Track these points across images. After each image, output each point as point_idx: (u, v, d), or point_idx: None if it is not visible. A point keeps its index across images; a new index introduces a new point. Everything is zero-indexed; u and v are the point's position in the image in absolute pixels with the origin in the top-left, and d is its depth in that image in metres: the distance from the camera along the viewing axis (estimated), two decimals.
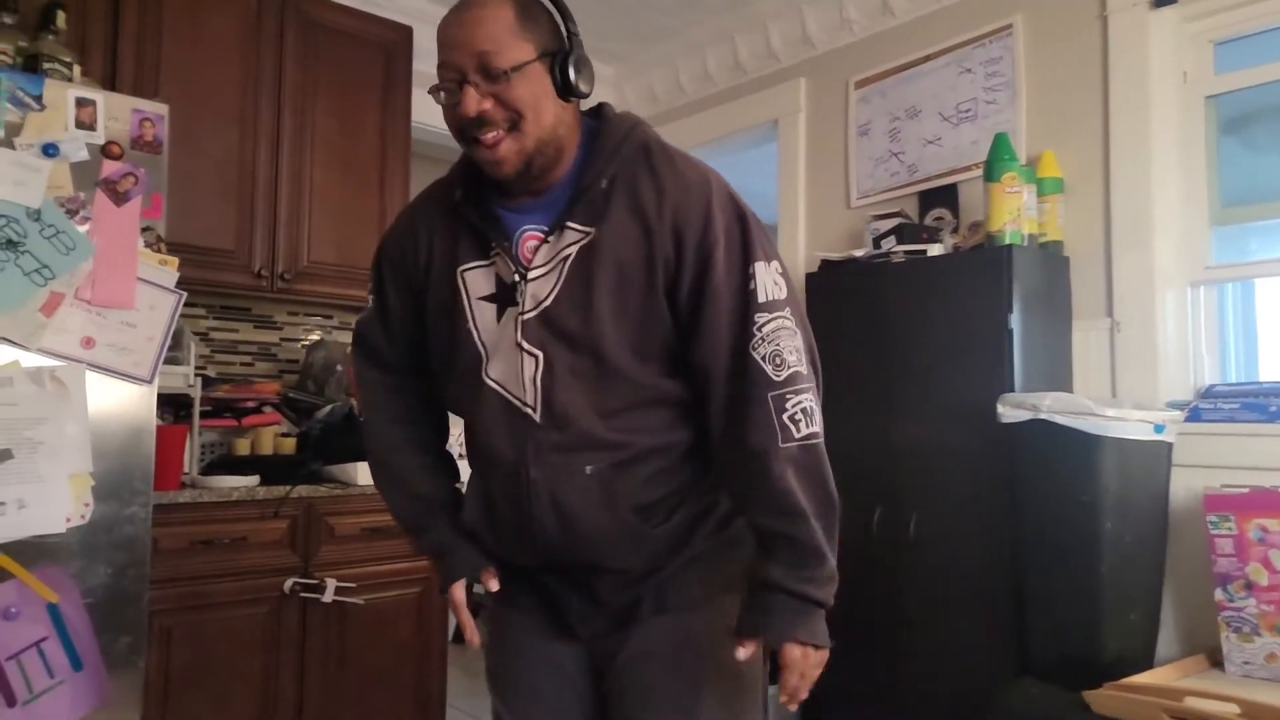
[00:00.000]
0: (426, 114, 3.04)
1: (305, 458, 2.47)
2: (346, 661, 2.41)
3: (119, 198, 1.86)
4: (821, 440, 1.12)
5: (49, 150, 1.77)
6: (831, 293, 2.66)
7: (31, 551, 1.72)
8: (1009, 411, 2.10)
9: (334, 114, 2.76)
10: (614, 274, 1.09)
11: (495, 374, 1.13)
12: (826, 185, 3.16)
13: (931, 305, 2.40)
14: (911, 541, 2.37)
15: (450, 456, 1.33)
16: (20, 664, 1.70)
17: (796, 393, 1.08)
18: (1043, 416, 2.04)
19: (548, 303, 1.10)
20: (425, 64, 3.08)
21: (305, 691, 2.33)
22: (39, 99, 1.78)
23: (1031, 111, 2.58)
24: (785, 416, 1.08)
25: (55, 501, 1.75)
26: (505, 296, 1.13)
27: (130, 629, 1.84)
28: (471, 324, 1.15)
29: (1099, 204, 2.42)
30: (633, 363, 1.10)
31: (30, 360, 1.73)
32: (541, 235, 1.11)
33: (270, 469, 2.38)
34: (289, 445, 2.55)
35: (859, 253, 2.63)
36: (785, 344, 1.09)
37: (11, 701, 1.69)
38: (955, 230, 2.69)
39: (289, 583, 2.29)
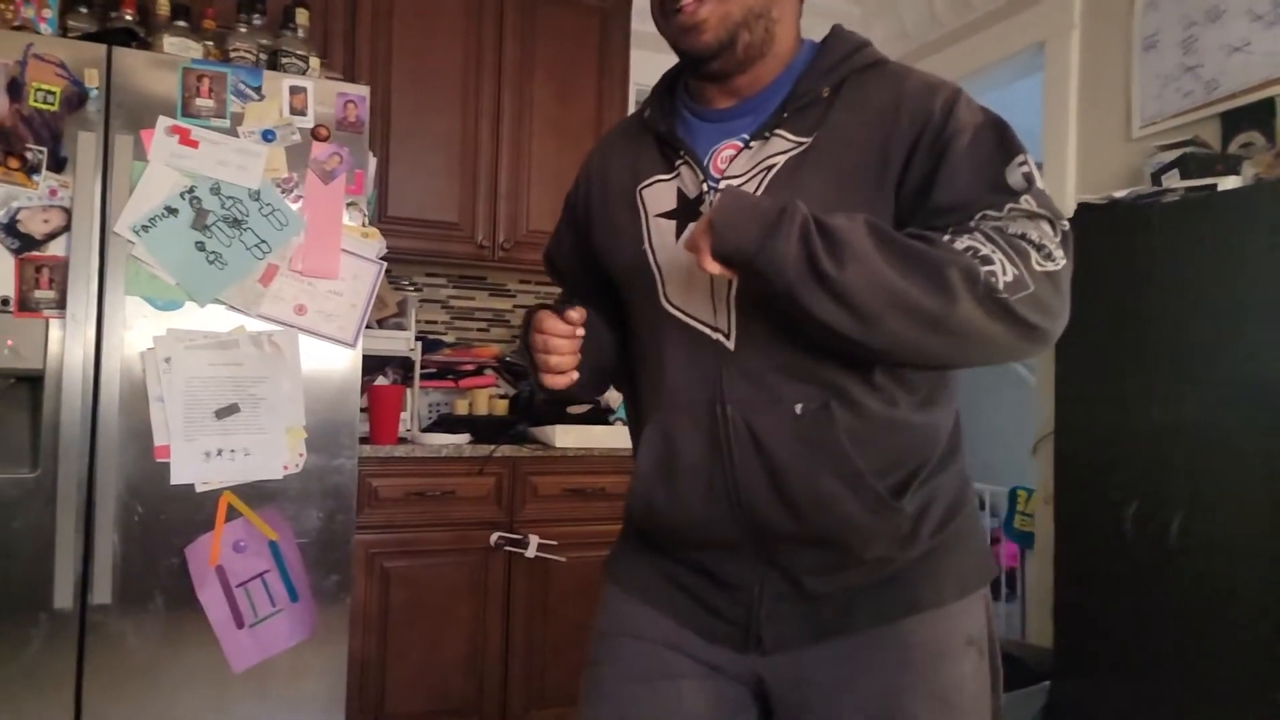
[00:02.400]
0: (645, 75, 3.01)
1: (515, 419, 2.58)
2: (550, 614, 2.49)
3: (326, 176, 2.03)
4: (962, 286, 0.80)
5: (267, 136, 1.98)
6: (1085, 244, 2.21)
7: (255, 494, 1.96)
8: None
9: (551, 84, 2.82)
10: (834, 181, 0.91)
11: (676, 299, 0.97)
12: (1103, 113, 2.64)
13: (1213, 255, 1.90)
14: (1174, 546, 1.92)
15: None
16: (248, 591, 1.95)
17: (997, 246, 0.82)
18: None
19: None
20: (644, 23, 3.03)
21: (510, 638, 2.45)
22: (259, 90, 1.98)
23: None
24: (969, 238, 0.83)
25: (274, 451, 1.97)
26: (688, 211, 0.97)
27: (339, 568, 2.04)
28: (647, 243, 0.99)
29: None
30: None
31: (252, 325, 1.96)
32: (741, 145, 0.96)
33: (482, 429, 2.51)
34: (502, 407, 2.68)
35: (1120, 193, 2.16)
36: (1022, 229, 0.84)
37: (240, 623, 1.95)
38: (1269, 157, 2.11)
39: (494, 536, 2.41)
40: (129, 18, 2.16)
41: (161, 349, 1.88)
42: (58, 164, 1.82)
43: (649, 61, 3.06)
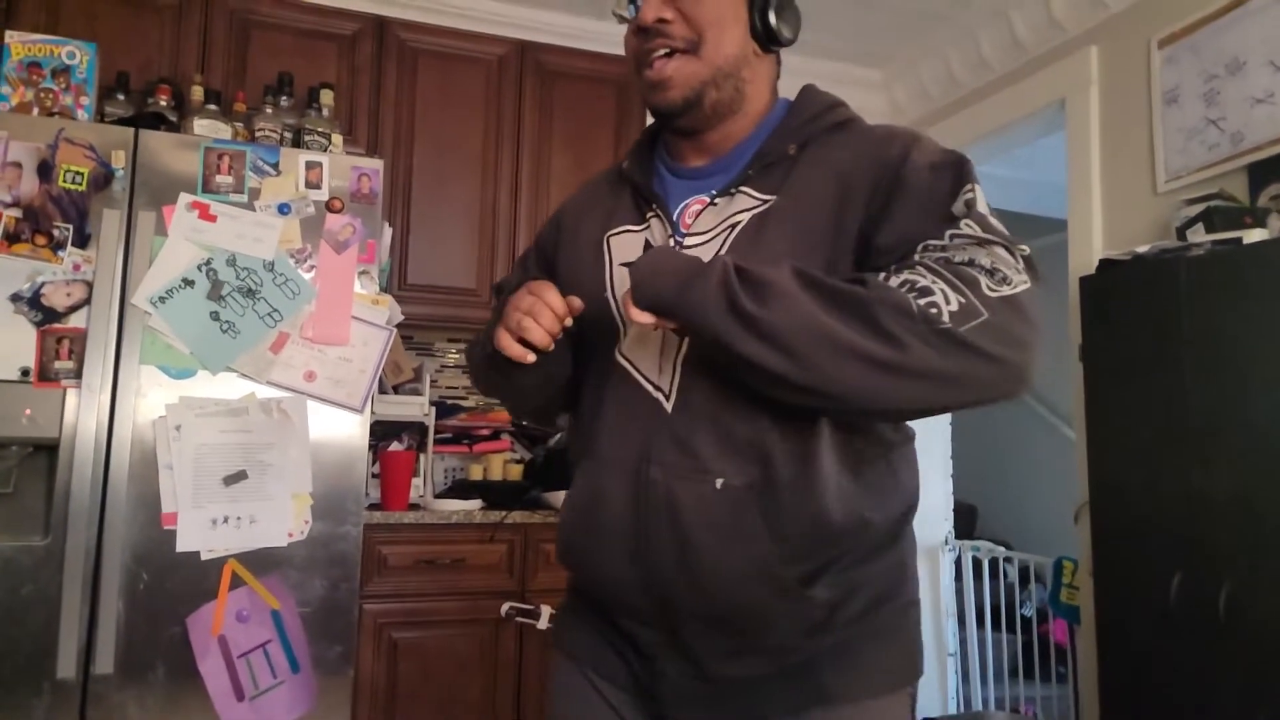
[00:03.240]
0: None
1: (528, 484, 2.55)
2: None
3: (339, 246, 2.07)
4: (901, 327, 0.75)
5: (282, 209, 2.04)
6: (1110, 301, 2.14)
7: (259, 562, 1.95)
8: None
9: (568, 153, 2.87)
10: (796, 239, 0.89)
11: (629, 352, 0.96)
12: (1127, 168, 2.58)
13: (1243, 309, 1.82)
14: (1222, 620, 1.79)
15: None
16: (249, 662, 1.93)
17: (938, 276, 0.77)
18: None
19: None
20: None
21: (523, 715, 2.38)
22: (276, 166, 2.05)
23: None
24: (907, 272, 0.79)
25: (280, 518, 1.97)
26: None
27: (341, 639, 2.01)
28: (609, 291, 0.98)
29: None
30: None
31: (262, 392, 1.98)
32: (708, 200, 0.96)
33: (495, 494, 2.49)
34: (517, 472, 2.66)
35: (1143, 249, 2.09)
36: (969, 256, 0.80)
37: (240, 695, 1.92)
38: None
39: (505, 607, 2.36)
40: (163, 103, 2.27)
41: (173, 417, 1.92)
42: (82, 240, 1.90)
43: None
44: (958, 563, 3.48)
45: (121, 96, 2.26)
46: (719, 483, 0.87)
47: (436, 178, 2.73)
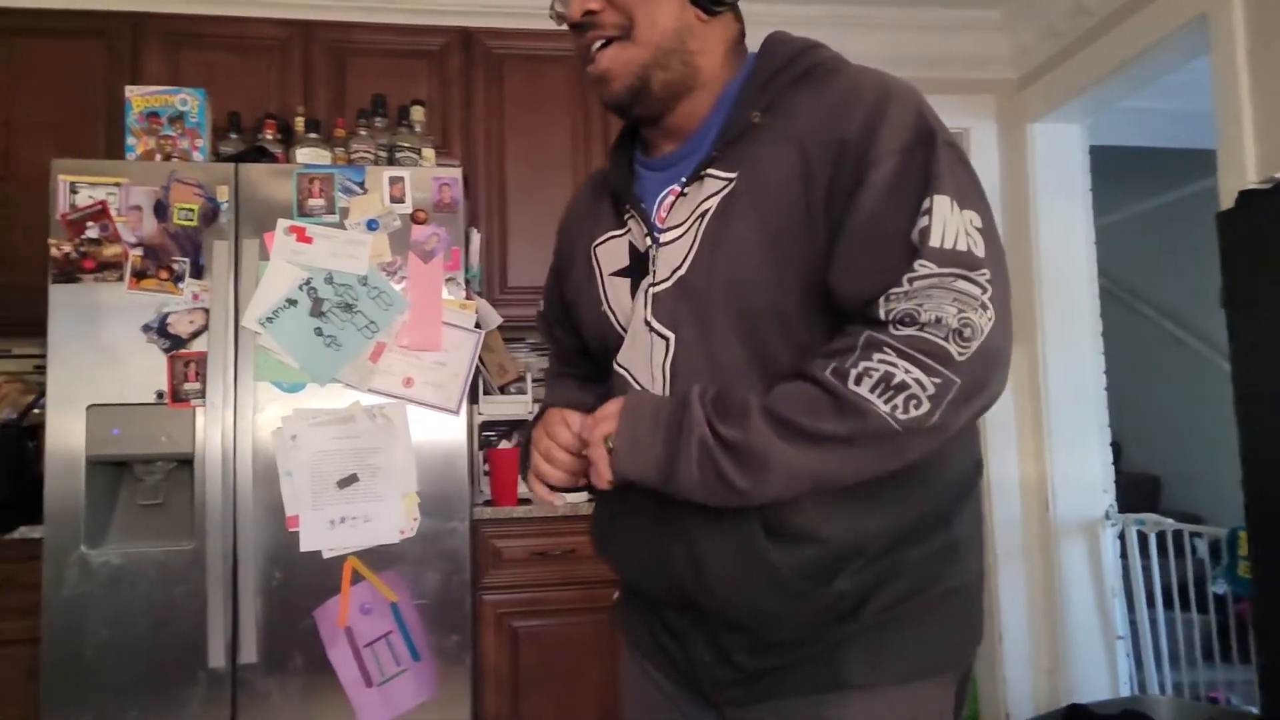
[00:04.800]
0: None
1: None
2: None
3: (426, 256, 2.16)
4: (887, 423, 0.75)
5: (371, 225, 2.15)
6: (1257, 234, 1.89)
7: (375, 558, 2.08)
8: None
9: None
10: (762, 228, 0.85)
11: (624, 359, 0.94)
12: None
13: None
14: None
15: None
16: (374, 651, 2.06)
17: (902, 355, 0.75)
18: None
19: (682, 270, 0.89)
20: None
21: None
22: (362, 184, 2.16)
23: None
24: (864, 363, 0.76)
25: (391, 516, 2.09)
26: (638, 267, 0.94)
27: (457, 628, 2.11)
28: (606, 305, 0.98)
29: None
30: (788, 350, 0.85)
31: (366, 400, 2.10)
32: (679, 189, 0.91)
33: None
34: None
35: None
36: (933, 305, 0.75)
37: (369, 681, 2.06)
38: None
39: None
40: (270, 137, 2.45)
41: (288, 427, 2.07)
42: (198, 270, 2.08)
43: None
44: (1123, 537, 3.19)
45: (233, 135, 2.45)
46: None
47: (530, 180, 2.79)
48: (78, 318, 2.05)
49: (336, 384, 2.10)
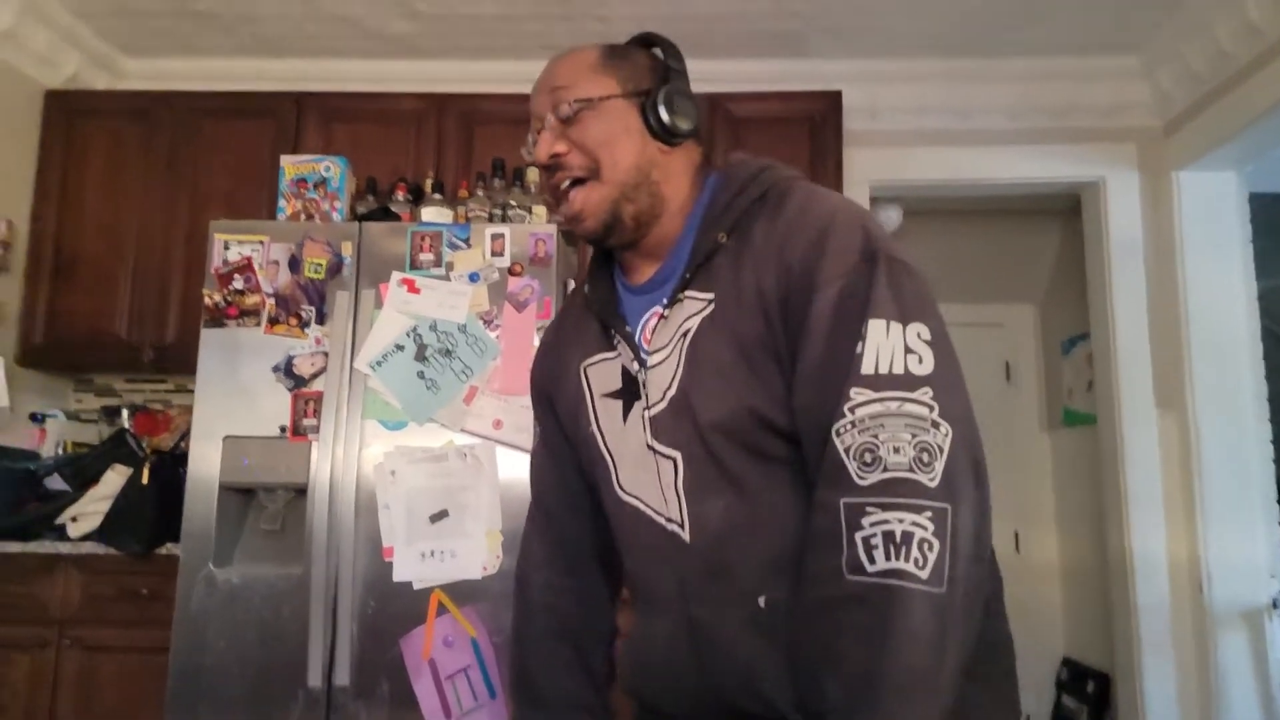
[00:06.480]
0: (858, 171, 2.96)
1: None
2: None
3: (520, 306, 2.29)
4: (921, 588, 0.75)
5: (472, 278, 2.30)
6: None
7: (459, 593, 2.17)
8: None
9: None
10: (736, 350, 0.89)
11: (629, 487, 0.97)
12: None
13: None
14: None
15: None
16: (454, 684, 2.14)
17: (885, 507, 0.77)
18: None
19: (673, 391, 0.92)
20: (858, 122, 3.01)
21: None
22: (466, 240, 2.33)
23: None
24: (859, 536, 0.78)
25: (475, 552, 2.18)
26: (630, 390, 0.97)
27: None
28: (594, 426, 1.01)
29: None
30: (786, 448, 0.88)
31: (459, 440, 2.23)
32: (661, 312, 0.96)
33: None
34: None
35: None
36: (888, 436, 0.78)
37: (448, 715, 2.13)
38: None
39: None
40: (400, 198, 2.69)
41: (389, 463, 2.22)
42: (321, 317, 2.30)
43: (860, 157, 3.00)
44: None
45: (370, 197, 2.71)
46: (762, 600, 0.87)
47: None
48: (221, 359, 2.31)
49: (433, 424, 2.24)
